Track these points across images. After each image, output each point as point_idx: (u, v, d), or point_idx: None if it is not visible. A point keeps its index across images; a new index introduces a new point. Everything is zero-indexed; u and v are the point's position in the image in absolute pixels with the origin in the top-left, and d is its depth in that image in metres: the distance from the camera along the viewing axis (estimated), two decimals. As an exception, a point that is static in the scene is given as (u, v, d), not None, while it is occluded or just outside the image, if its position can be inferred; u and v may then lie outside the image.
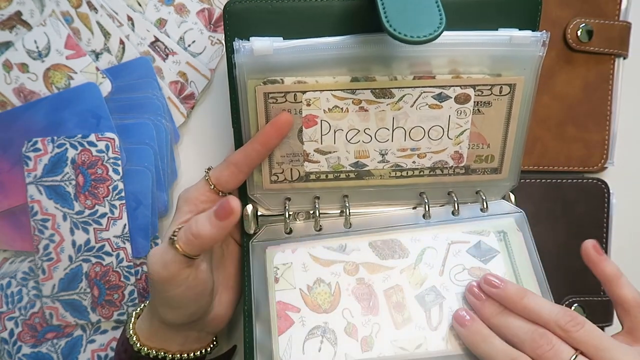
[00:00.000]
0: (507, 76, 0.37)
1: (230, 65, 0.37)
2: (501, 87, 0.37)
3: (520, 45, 0.36)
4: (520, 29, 0.36)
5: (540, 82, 0.38)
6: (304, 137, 0.38)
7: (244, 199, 0.41)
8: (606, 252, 0.49)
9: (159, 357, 0.39)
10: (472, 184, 0.41)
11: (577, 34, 0.48)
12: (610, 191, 0.49)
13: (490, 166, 0.40)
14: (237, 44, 0.35)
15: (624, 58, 0.49)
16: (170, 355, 0.40)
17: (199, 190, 0.39)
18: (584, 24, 0.48)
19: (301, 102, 0.36)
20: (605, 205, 0.49)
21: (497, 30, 0.36)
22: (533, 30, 0.37)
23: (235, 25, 0.37)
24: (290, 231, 0.41)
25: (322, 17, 0.37)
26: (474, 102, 0.37)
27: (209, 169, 0.39)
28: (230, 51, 0.37)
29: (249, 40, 0.35)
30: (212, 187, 0.38)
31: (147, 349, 0.39)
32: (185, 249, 0.34)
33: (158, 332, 0.39)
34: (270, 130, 0.37)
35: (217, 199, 0.38)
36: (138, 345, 0.39)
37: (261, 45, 0.34)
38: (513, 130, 0.39)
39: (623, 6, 0.49)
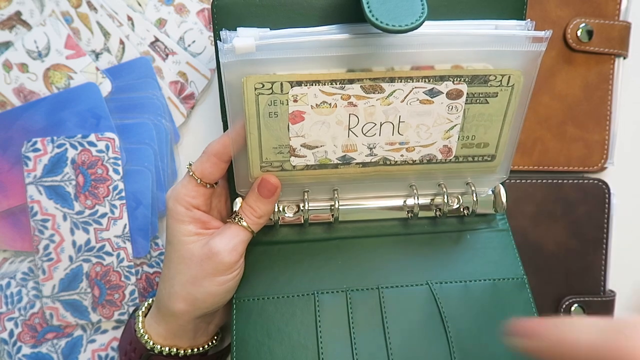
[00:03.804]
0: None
1: (219, 60, 0.37)
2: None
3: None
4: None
5: (540, 82, 0.38)
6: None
7: (234, 195, 0.41)
8: (606, 252, 0.49)
9: (172, 353, 0.39)
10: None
11: (577, 34, 0.48)
12: (611, 191, 0.49)
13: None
14: (224, 34, 0.34)
15: (624, 58, 0.49)
16: (182, 351, 0.40)
17: (187, 187, 0.38)
18: (584, 24, 0.48)
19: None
20: (606, 205, 0.49)
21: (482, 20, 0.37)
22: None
23: (224, 20, 0.37)
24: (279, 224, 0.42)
25: (310, 11, 0.37)
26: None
27: (190, 164, 0.39)
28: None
29: (235, 30, 0.35)
30: (199, 181, 0.38)
31: (160, 347, 0.39)
32: (254, 229, 0.39)
33: (172, 330, 0.39)
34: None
35: (206, 192, 0.39)
36: (151, 343, 0.39)
37: (246, 33, 0.34)
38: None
39: (623, 6, 0.49)
